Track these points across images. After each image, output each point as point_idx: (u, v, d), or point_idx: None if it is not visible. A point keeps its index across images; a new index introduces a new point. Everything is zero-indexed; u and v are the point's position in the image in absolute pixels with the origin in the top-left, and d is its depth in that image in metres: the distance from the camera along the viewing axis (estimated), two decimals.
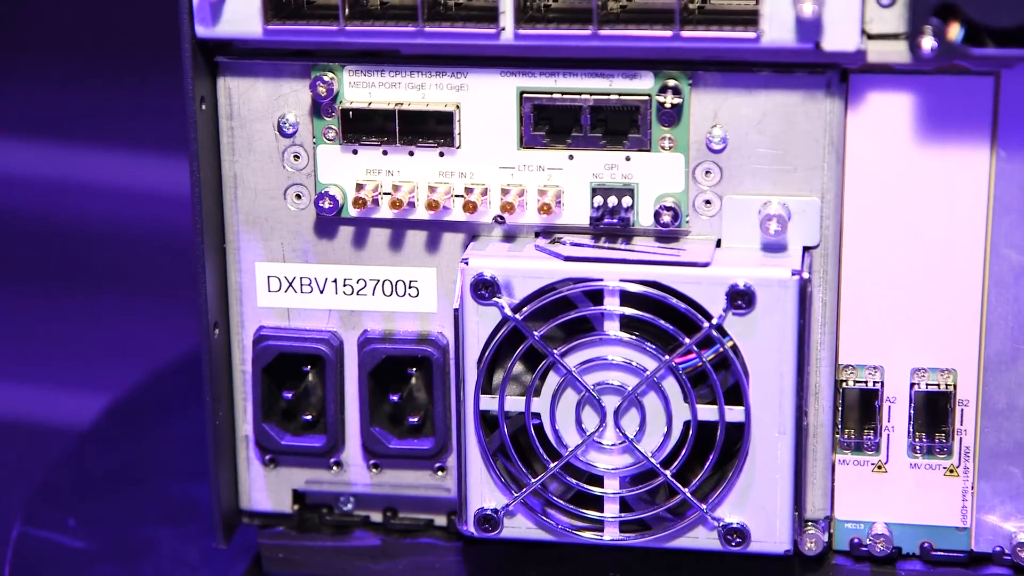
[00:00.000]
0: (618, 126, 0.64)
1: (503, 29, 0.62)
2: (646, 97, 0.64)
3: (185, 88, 0.64)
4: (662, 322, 0.64)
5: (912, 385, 0.65)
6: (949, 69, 0.62)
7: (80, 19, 1.23)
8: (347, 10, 0.63)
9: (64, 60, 1.22)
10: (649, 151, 0.64)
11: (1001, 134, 0.63)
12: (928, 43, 0.59)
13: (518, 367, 0.66)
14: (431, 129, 0.65)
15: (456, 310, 0.65)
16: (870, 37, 0.62)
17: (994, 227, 0.64)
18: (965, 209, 0.64)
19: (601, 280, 0.64)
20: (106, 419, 0.89)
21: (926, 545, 0.67)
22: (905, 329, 0.65)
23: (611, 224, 0.65)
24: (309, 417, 0.69)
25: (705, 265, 0.63)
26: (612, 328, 0.64)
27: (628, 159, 0.65)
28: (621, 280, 0.64)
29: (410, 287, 0.67)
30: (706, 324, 0.63)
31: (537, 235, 0.66)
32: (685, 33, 0.61)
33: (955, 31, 0.59)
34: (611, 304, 0.64)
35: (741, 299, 0.63)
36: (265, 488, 0.70)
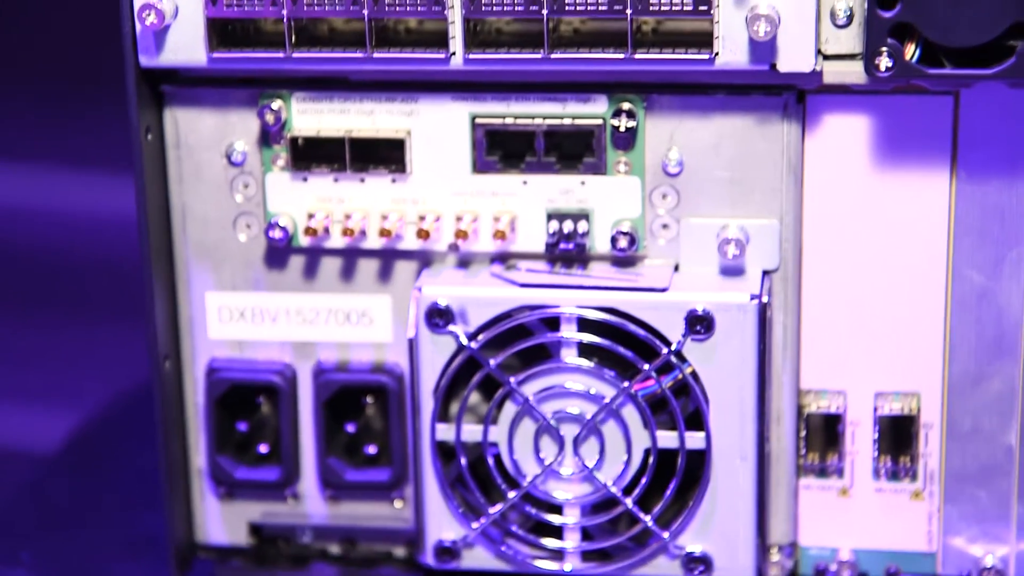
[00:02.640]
0: (572, 150, 0.63)
1: (453, 54, 0.61)
2: (600, 121, 0.63)
3: (130, 118, 0.63)
4: (620, 348, 0.63)
5: (875, 409, 0.64)
6: (907, 89, 0.61)
7: (23, 41, 1.22)
8: (294, 37, 0.62)
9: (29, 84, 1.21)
10: (604, 175, 0.63)
11: (961, 154, 0.62)
12: (884, 63, 0.58)
13: (475, 396, 0.64)
14: (382, 156, 0.64)
15: (411, 339, 0.64)
16: (826, 57, 0.61)
17: (955, 248, 0.63)
18: (926, 230, 0.63)
19: (558, 307, 0.63)
20: (64, 446, 0.87)
21: (892, 570, 0.66)
22: (867, 352, 0.64)
23: (567, 250, 0.64)
24: (264, 449, 0.68)
25: (663, 290, 0.62)
26: (570, 355, 0.63)
27: (583, 184, 0.63)
28: (578, 307, 0.63)
29: (364, 316, 0.66)
30: (665, 350, 0.62)
31: (492, 261, 0.65)
32: (638, 56, 0.60)
33: (911, 51, 0.58)
34: (568, 331, 0.63)
35: (700, 324, 0.62)
36: (221, 521, 0.69)
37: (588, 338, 0.63)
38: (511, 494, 0.65)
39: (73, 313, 1.08)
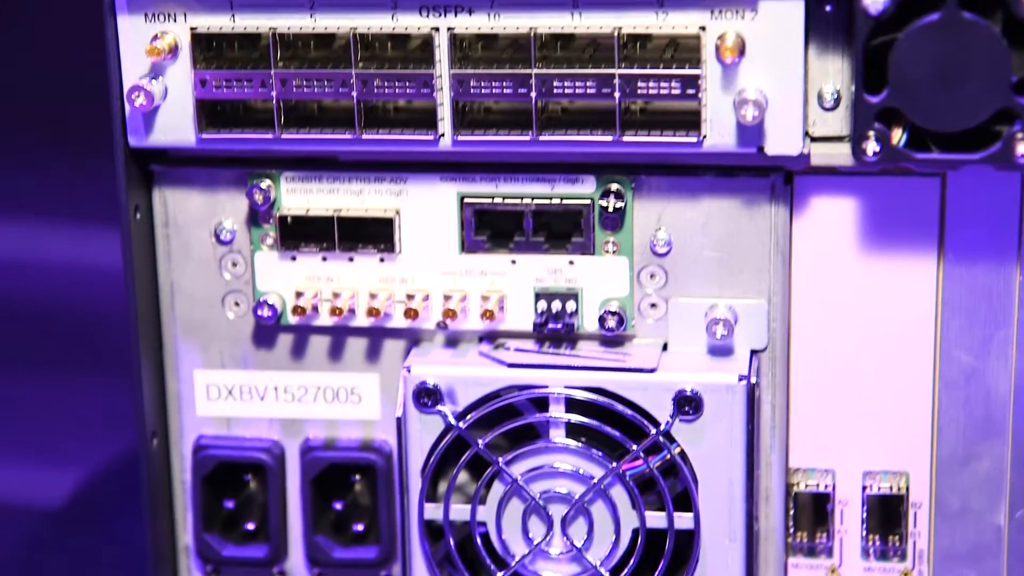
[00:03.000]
0: (561, 230, 0.63)
1: (442, 135, 0.61)
2: (588, 201, 0.63)
3: (119, 198, 0.63)
4: (608, 429, 0.62)
5: (864, 488, 0.64)
6: (895, 170, 0.61)
7: (10, 96, 1.22)
8: (283, 117, 0.62)
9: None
10: (593, 255, 0.63)
11: (948, 234, 0.62)
12: (872, 147, 0.58)
13: (463, 475, 0.64)
14: (371, 235, 0.64)
15: (399, 418, 0.64)
16: (813, 140, 0.61)
17: (943, 328, 0.63)
18: (914, 310, 0.63)
19: (546, 387, 0.63)
20: (47, 516, 0.87)
21: None
22: (856, 431, 0.64)
23: (555, 329, 0.64)
24: (251, 526, 0.67)
25: (651, 371, 0.62)
26: (558, 435, 0.63)
27: (572, 263, 0.63)
28: (566, 387, 0.63)
29: (352, 394, 0.66)
30: (653, 430, 0.62)
31: (481, 340, 0.65)
32: (627, 138, 0.61)
33: (898, 135, 0.58)
34: (556, 411, 0.63)
35: (688, 405, 0.62)
36: None
37: (576, 418, 0.63)
38: (499, 574, 0.64)
39: (59, 368, 1.08)
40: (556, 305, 0.64)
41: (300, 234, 0.64)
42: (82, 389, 1.03)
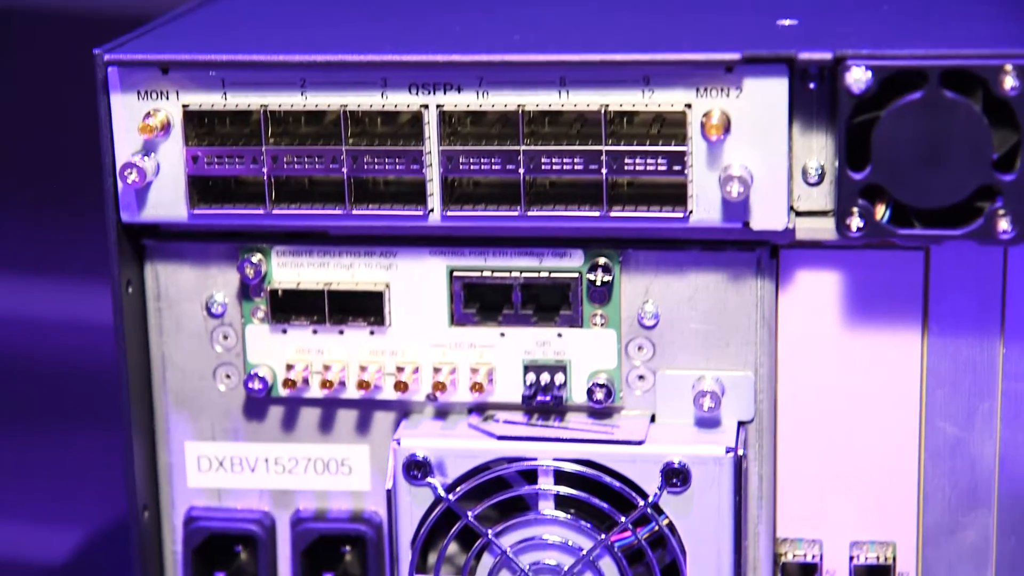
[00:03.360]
0: (549, 303, 0.64)
1: (431, 211, 0.62)
2: (576, 275, 0.63)
3: (112, 272, 0.63)
4: (597, 500, 0.63)
5: (851, 558, 0.65)
6: (879, 244, 0.62)
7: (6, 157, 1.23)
8: (274, 193, 0.63)
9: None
10: (581, 328, 0.64)
11: (932, 307, 0.63)
12: (856, 224, 0.59)
13: (452, 547, 0.65)
14: (361, 308, 0.65)
15: (389, 490, 0.64)
16: (798, 214, 0.62)
17: (928, 399, 0.63)
18: (899, 382, 0.63)
19: (535, 459, 0.63)
20: None
21: None
22: (843, 501, 0.64)
23: (544, 401, 0.64)
24: None
25: (639, 443, 0.63)
26: (547, 507, 0.63)
27: (560, 336, 0.64)
28: (555, 459, 0.63)
29: (342, 465, 0.66)
30: (641, 502, 0.63)
31: (470, 412, 0.65)
32: (614, 213, 0.61)
33: (882, 211, 0.59)
34: (545, 483, 0.63)
35: (676, 477, 0.62)
36: None
37: (565, 490, 0.63)
38: None
39: (50, 425, 1.08)
40: (545, 377, 0.64)
41: (291, 307, 0.65)
42: (75, 446, 1.04)
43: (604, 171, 0.61)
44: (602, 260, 0.63)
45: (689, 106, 0.60)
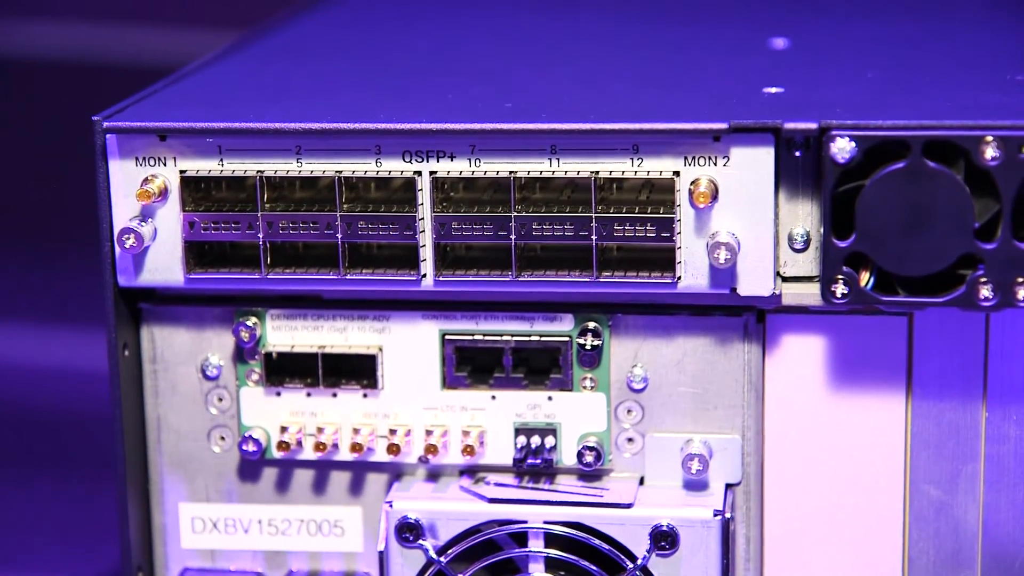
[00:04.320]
0: (540, 367, 0.65)
1: (424, 276, 0.63)
2: (567, 339, 0.64)
3: (108, 335, 0.64)
4: (586, 563, 0.64)
5: None
6: (863, 310, 0.63)
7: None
8: (269, 257, 0.64)
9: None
10: (571, 391, 0.65)
11: (916, 371, 0.64)
12: (840, 290, 0.60)
13: None
14: (354, 371, 0.65)
15: (381, 552, 0.65)
16: (784, 280, 0.63)
17: (912, 463, 0.64)
18: (884, 445, 0.64)
19: (525, 522, 0.64)
20: None
21: None
22: (829, 563, 0.65)
23: (535, 464, 0.65)
24: None
25: (628, 506, 0.64)
26: (537, 570, 0.64)
27: (550, 399, 0.65)
28: (545, 522, 0.64)
29: (335, 527, 0.67)
30: (630, 565, 0.63)
31: (461, 474, 0.66)
32: (603, 279, 0.62)
33: (866, 278, 0.60)
34: (535, 546, 0.64)
35: (664, 540, 0.63)
36: None
37: (555, 553, 0.64)
38: None
39: (48, 473, 1.09)
40: (535, 440, 0.65)
41: (285, 370, 0.66)
42: (71, 495, 1.04)
43: (594, 237, 0.62)
44: (592, 324, 0.64)
45: (677, 174, 0.61)
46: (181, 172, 0.63)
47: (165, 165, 0.63)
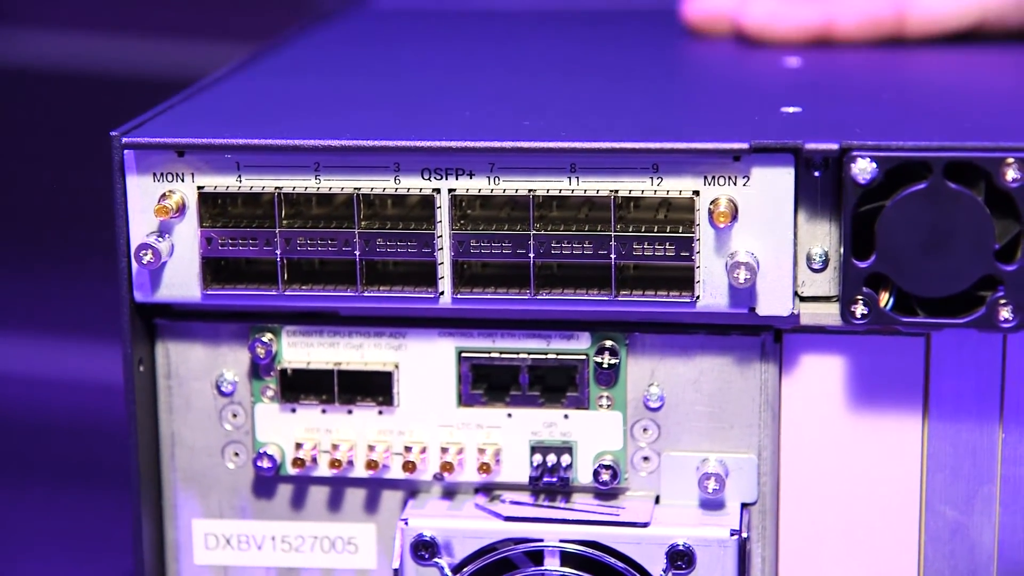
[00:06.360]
0: (556, 385, 0.65)
1: (441, 293, 0.63)
2: (583, 357, 0.64)
3: (124, 351, 0.64)
4: None
5: None
6: (881, 330, 0.63)
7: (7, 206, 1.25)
8: (286, 274, 0.63)
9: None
10: (587, 409, 0.65)
11: (932, 392, 0.64)
12: (860, 311, 0.60)
13: None
14: (370, 388, 0.65)
15: (396, 569, 0.64)
16: (803, 299, 0.63)
17: (928, 484, 0.64)
18: (900, 465, 0.64)
19: (541, 540, 0.64)
20: None
21: None
22: None
23: (551, 482, 0.65)
24: None
25: (644, 525, 0.64)
26: None
27: (566, 417, 0.65)
28: (561, 540, 0.64)
29: (349, 544, 0.67)
30: None
31: (477, 492, 0.66)
32: (621, 297, 0.62)
33: (885, 299, 0.60)
34: (551, 564, 0.64)
35: (681, 559, 0.63)
36: None
37: (571, 572, 0.64)
38: None
39: (58, 483, 1.09)
40: (551, 458, 0.65)
41: (300, 386, 0.66)
42: (82, 506, 1.04)
43: (612, 256, 0.62)
44: (609, 343, 0.64)
45: (697, 193, 0.61)
46: (199, 188, 0.63)
47: (183, 181, 0.63)
